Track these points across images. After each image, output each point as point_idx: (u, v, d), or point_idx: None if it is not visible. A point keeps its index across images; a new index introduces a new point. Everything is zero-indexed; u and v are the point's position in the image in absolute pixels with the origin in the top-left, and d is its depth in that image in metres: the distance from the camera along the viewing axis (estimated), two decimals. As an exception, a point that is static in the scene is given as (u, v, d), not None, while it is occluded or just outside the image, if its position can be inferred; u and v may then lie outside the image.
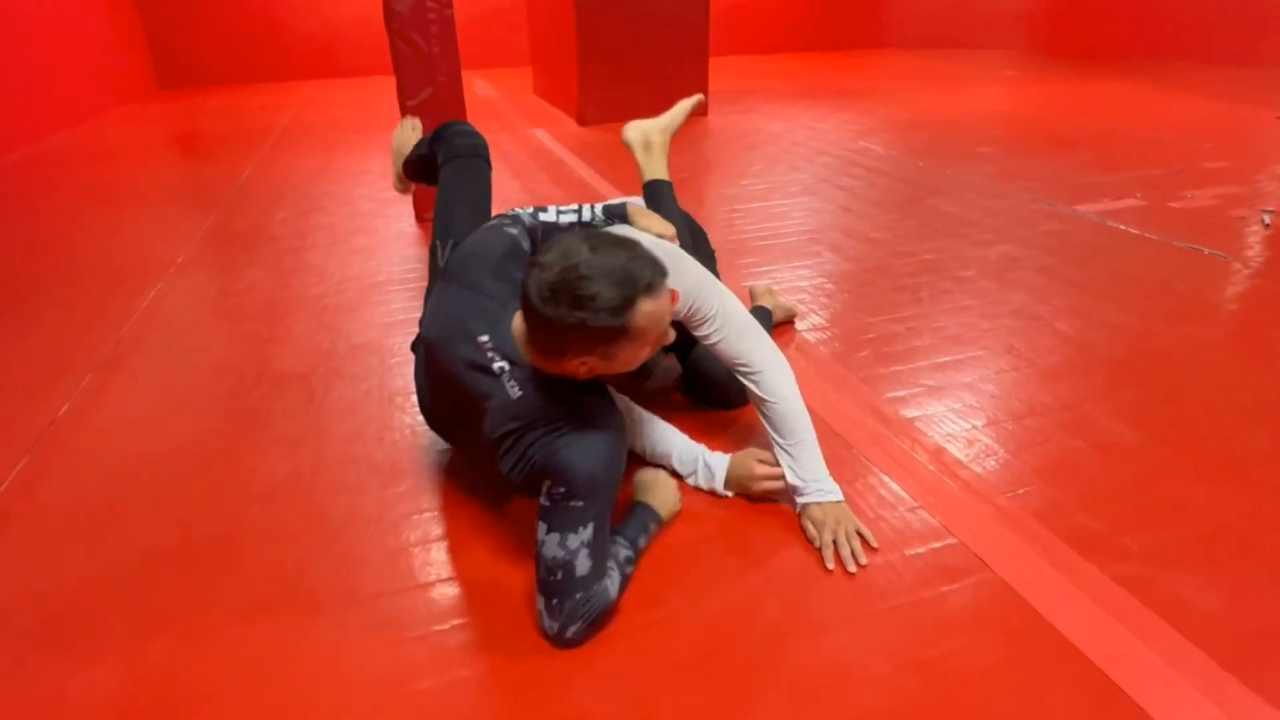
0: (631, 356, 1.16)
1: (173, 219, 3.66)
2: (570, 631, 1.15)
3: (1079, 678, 1.10)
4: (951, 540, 1.37)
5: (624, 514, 1.37)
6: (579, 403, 1.19)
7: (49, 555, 1.42)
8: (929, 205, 3.41)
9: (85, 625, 1.25)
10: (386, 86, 7.72)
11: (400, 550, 1.39)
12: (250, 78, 9.20)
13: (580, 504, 1.13)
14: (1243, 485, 1.50)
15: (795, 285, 2.56)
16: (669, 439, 1.57)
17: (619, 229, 1.45)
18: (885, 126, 5.25)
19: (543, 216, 1.52)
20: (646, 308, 1.09)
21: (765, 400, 1.44)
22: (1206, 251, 2.73)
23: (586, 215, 1.55)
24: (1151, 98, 5.95)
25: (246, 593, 1.30)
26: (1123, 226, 3.03)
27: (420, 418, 1.82)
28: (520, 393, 1.18)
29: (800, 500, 1.42)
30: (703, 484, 1.52)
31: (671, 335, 1.20)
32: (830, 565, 1.32)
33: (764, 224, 3.22)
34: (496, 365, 1.21)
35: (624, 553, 1.27)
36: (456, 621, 1.23)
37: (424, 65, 3.14)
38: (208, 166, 4.80)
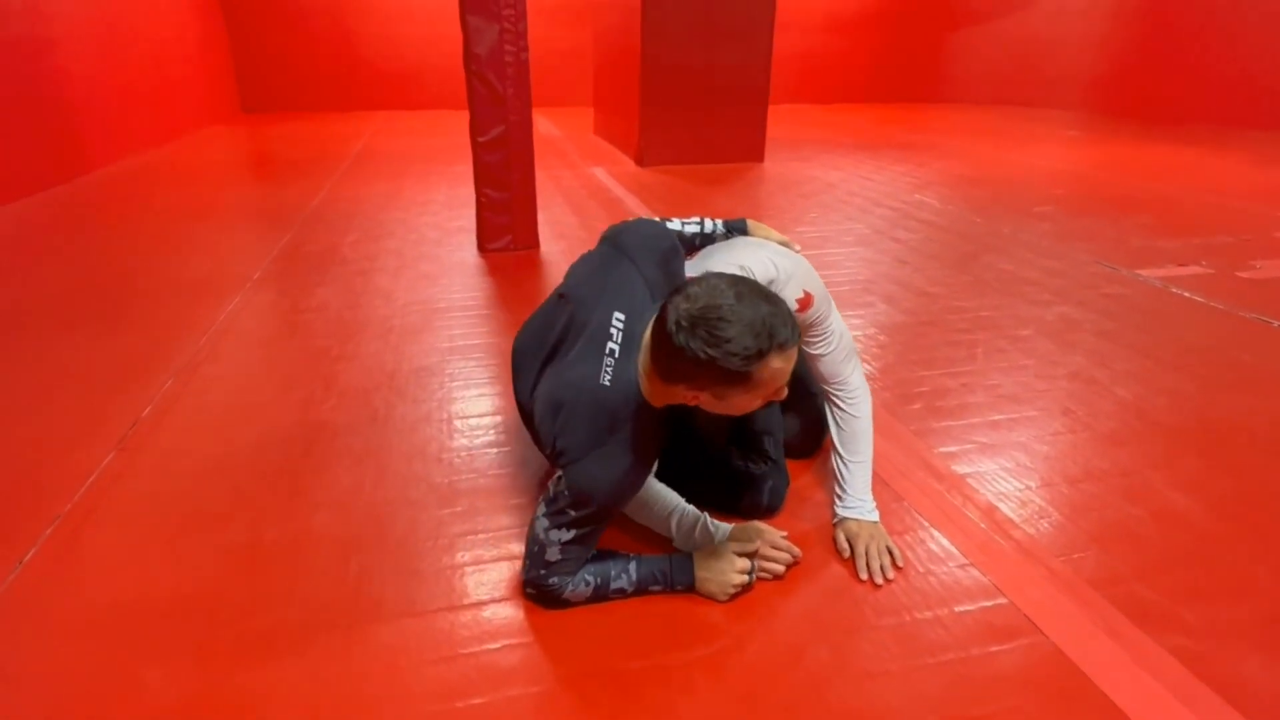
0: (743, 404, 1.17)
1: (250, 237, 3.87)
2: (526, 590, 1.33)
3: (1132, 750, 1.08)
4: (1002, 600, 1.37)
5: (671, 554, 1.39)
6: (642, 428, 1.23)
7: (130, 548, 1.50)
8: (985, 262, 3.40)
9: (163, 618, 1.32)
10: (454, 120, 8.05)
11: (455, 568, 1.44)
12: (326, 106, 9.69)
13: (572, 512, 1.22)
14: (1310, 566, 1.46)
15: (848, 334, 2.57)
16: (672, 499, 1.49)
17: (737, 242, 1.52)
18: (943, 181, 5.26)
19: (668, 225, 1.57)
20: (775, 364, 1.10)
21: (849, 416, 1.53)
22: (1275, 324, 2.67)
23: (708, 228, 1.63)
24: (1219, 163, 5.84)
25: (312, 597, 1.36)
26: (1187, 294, 2.98)
27: (477, 441, 1.88)
28: (609, 383, 1.21)
29: (840, 513, 1.49)
30: (699, 539, 1.42)
31: (784, 393, 1.19)
32: (864, 575, 1.40)
33: (817, 272, 3.24)
34: (610, 346, 1.23)
35: (618, 583, 1.32)
36: (508, 641, 1.27)
37: (497, 104, 3.29)
38: (284, 188, 5.05)
